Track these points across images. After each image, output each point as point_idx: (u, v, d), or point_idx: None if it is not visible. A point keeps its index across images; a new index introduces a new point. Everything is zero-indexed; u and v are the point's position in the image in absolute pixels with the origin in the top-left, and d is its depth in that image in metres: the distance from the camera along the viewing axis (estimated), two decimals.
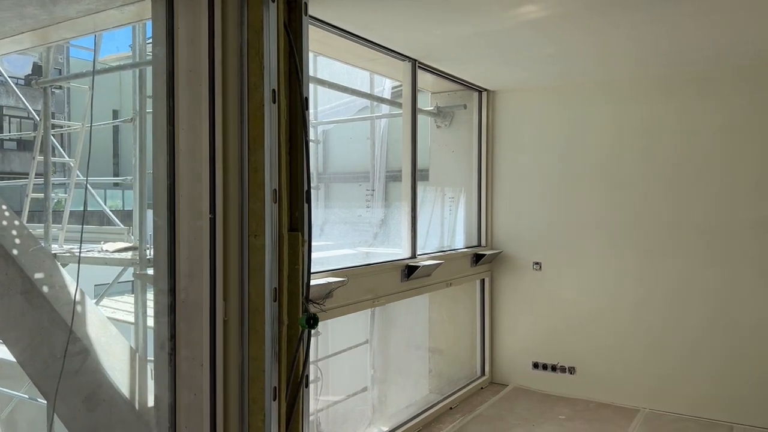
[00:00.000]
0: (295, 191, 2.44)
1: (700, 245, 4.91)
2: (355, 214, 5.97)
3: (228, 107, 2.36)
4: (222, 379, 2.38)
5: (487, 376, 5.88)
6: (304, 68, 2.44)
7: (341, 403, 5.22)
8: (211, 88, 2.32)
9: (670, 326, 5.04)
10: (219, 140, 2.32)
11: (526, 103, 5.71)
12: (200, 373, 2.33)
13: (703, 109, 4.89)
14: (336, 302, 3.55)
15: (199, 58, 2.32)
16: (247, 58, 2.34)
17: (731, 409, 4.79)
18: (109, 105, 17.94)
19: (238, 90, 2.38)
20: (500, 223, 5.89)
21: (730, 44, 4.19)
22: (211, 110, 2.32)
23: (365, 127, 6.35)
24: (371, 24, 3.81)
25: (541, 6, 3.40)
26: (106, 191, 17.01)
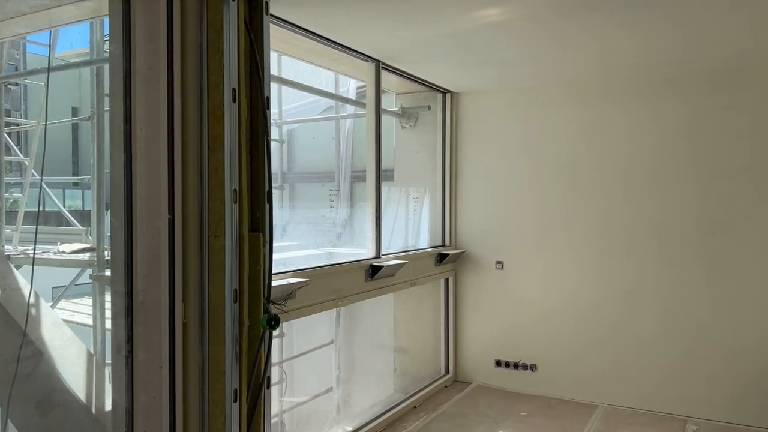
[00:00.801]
0: (257, 191, 2.42)
1: (653, 246, 5.06)
2: (318, 215, 5.95)
3: (187, 106, 2.33)
4: (182, 381, 2.35)
5: (451, 375, 5.94)
6: (266, 67, 2.42)
7: (306, 404, 5.20)
8: (170, 87, 2.28)
9: (626, 324, 5.18)
10: (178, 139, 2.29)
11: (490, 104, 5.79)
12: (159, 375, 2.28)
13: (659, 112, 5.04)
14: (299, 303, 3.54)
15: (157, 56, 2.27)
16: (207, 57, 2.31)
17: (684, 402, 4.96)
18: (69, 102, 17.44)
19: (197, 89, 2.35)
20: (464, 222, 5.95)
21: (687, 49, 4.32)
22: (170, 109, 2.28)
23: (331, 127, 6.34)
24: (334, 24, 3.81)
25: (503, 9, 3.46)
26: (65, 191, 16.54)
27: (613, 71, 4.99)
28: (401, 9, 3.47)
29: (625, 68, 4.87)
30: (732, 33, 3.91)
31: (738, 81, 4.74)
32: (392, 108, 5.99)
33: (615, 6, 3.39)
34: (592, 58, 4.60)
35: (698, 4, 3.35)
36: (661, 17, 3.58)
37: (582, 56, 4.55)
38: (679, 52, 4.37)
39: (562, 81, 5.35)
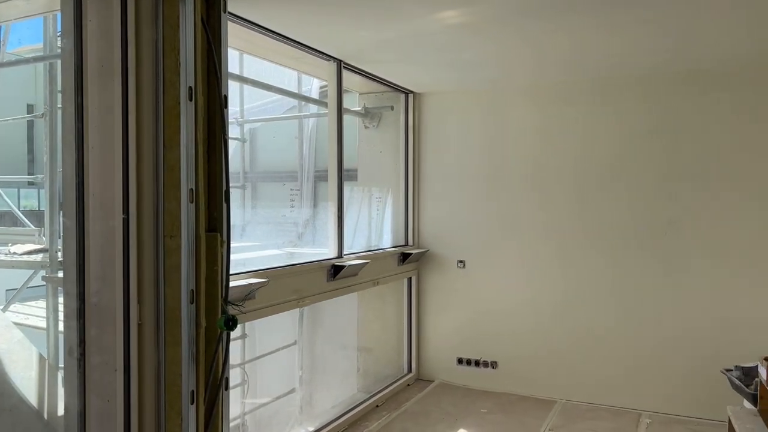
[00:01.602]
0: (214, 191, 2.39)
1: (609, 245, 5.20)
2: (279, 214, 5.91)
3: (142, 104, 2.29)
4: (137, 384, 2.30)
5: (413, 373, 5.98)
6: (223, 66, 2.39)
7: (269, 405, 5.16)
8: (124, 84, 2.24)
9: (584, 321, 5.30)
10: (132, 138, 2.24)
11: (452, 105, 5.85)
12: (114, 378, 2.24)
13: (614, 115, 5.18)
14: (258, 303, 3.51)
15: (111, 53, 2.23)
16: (163, 54, 2.27)
17: (639, 396, 5.10)
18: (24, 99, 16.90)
19: (153, 86, 2.31)
20: (426, 222, 6.00)
21: (642, 53, 4.44)
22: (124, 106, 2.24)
23: (294, 126, 6.30)
24: (294, 23, 3.79)
25: (462, 11, 3.50)
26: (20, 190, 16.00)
27: (570, 74, 5.10)
28: (362, 9, 3.48)
29: (583, 71, 4.99)
30: (688, 38, 4.04)
31: (691, 85, 4.91)
32: (355, 108, 5.99)
33: (574, 9, 3.46)
34: (550, 61, 4.70)
35: (657, 9, 3.45)
36: (621, 21, 3.68)
37: (540, 58, 4.63)
38: (635, 55, 4.50)
39: (523, 82, 5.44)
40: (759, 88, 4.69)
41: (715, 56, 4.51)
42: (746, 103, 4.74)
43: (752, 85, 4.71)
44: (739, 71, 4.74)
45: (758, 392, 3.70)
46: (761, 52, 4.36)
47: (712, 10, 3.47)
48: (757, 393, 3.72)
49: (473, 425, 4.81)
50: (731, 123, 4.79)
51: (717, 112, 4.83)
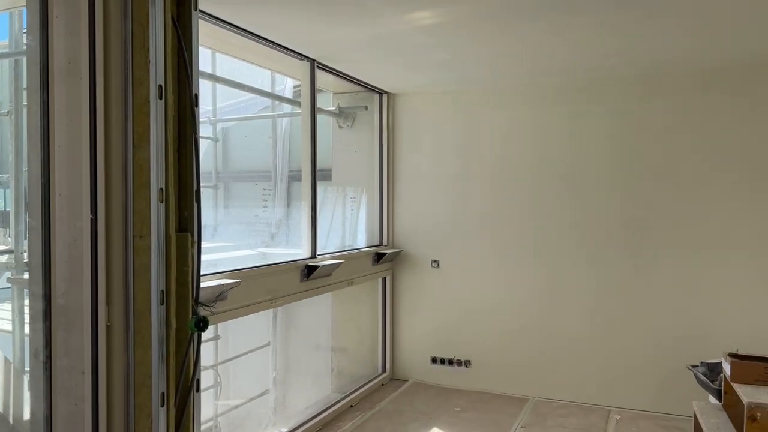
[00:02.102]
0: (184, 190, 2.36)
1: (579, 244, 5.28)
2: (252, 214, 5.86)
3: (110, 102, 2.25)
4: (105, 386, 2.27)
5: (388, 373, 6.00)
6: (194, 64, 2.37)
7: (242, 407, 5.12)
8: (92, 82, 2.20)
9: (555, 319, 5.38)
10: (101, 136, 2.21)
11: (425, 106, 5.88)
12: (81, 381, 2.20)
13: (584, 116, 5.26)
14: (231, 304, 3.49)
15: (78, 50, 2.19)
16: (132, 52, 2.23)
17: (608, 393, 5.20)
18: None
19: (121, 84, 2.27)
20: (401, 222, 6.02)
21: (608, 56, 4.53)
22: (92, 105, 2.20)
23: (267, 126, 6.26)
24: (266, 22, 3.77)
25: (434, 12, 3.52)
26: None
27: (540, 76, 5.17)
28: (335, 9, 3.48)
29: (551, 73, 5.07)
30: (648, 42, 4.13)
31: (653, 88, 5.02)
32: (329, 107, 5.98)
33: (541, 13, 3.52)
34: (520, 63, 4.75)
35: (618, 13, 3.52)
36: (585, 25, 3.75)
37: (511, 61, 4.69)
38: (600, 59, 4.58)
39: (494, 84, 5.50)
40: (723, 90, 4.82)
41: (676, 61, 4.62)
42: (710, 104, 4.86)
43: (716, 88, 4.84)
44: (701, 74, 4.86)
45: (722, 387, 3.80)
46: (723, 56, 4.48)
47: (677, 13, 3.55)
48: (721, 388, 3.83)
49: (446, 423, 4.85)
50: (696, 124, 4.91)
51: (683, 114, 4.94)
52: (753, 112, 4.74)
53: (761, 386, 3.35)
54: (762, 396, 3.20)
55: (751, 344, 4.58)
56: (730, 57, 4.52)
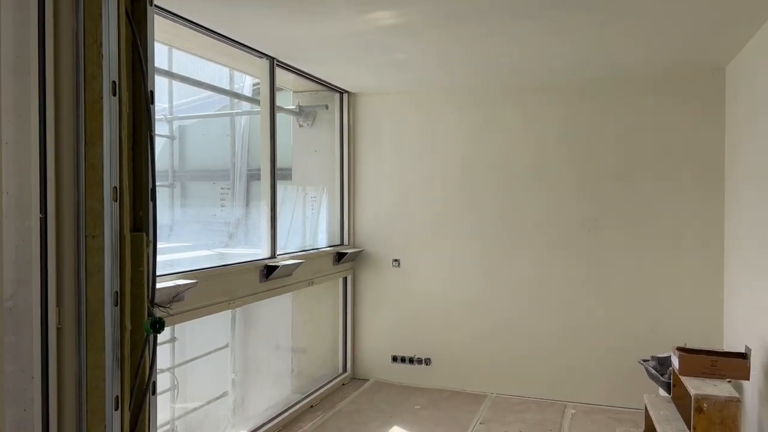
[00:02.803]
0: (139, 189, 2.31)
1: (538, 243, 5.39)
2: (209, 214, 5.77)
3: (61, 98, 2.19)
4: (56, 391, 2.20)
5: (348, 372, 5.99)
6: (149, 60, 2.32)
7: (200, 410, 5.03)
8: (42, 78, 2.13)
9: (512, 317, 5.48)
10: (51, 133, 2.14)
11: (387, 106, 5.90)
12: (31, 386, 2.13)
13: (544, 117, 5.37)
14: (187, 305, 3.43)
15: (27, 44, 2.12)
16: (84, 47, 2.18)
17: (564, 388, 5.32)
18: None
19: (73, 80, 2.21)
20: (362, 221, 6.03)
21: (566, 60, 4.63)
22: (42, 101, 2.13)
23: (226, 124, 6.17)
24: (225, 19, 3.72)
25: (393, 13, 3.54)
26: None
27: (496, 78, 5.25)
28: (293, 7, 3.46)
29: (507, 75, 5.15)
30: (602, 46, 4.25)
31: (609, 91, 5.16)
32: (289, 106, 5.94)
33: (494, 17, 3.57)
34: (475, 65, 4.82)
35: (573, 18, 3.61)
36: (536, 29, 3.82)
37: (467, 62, 4.74)
38: (553, 62, 4.68)
39: (453, 85, 5.55)
40: (674, 94, 4.99)
41: (630, 65, 4.76)
42: (662, 108, 5.03)
43: (668, 92, 5.01)
44: (653, 79, 5.03)
45: (672, 381, 3.94)
46: (675, 61, 4.64)
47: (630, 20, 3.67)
48: (670, 381, 3.97)
49: (407, 421, 4.88)
50: (649, 127, 5.07)
51: (636, 115, 5.10)
52: (702, 116, 4.92)
53: (708, 378, 3.48)
54: (708, 388, 3.33)
55: (699, 338, 4.76)
56: (682, 62, 4.68)
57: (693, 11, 3.50)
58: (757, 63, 3.92)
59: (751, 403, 3.87)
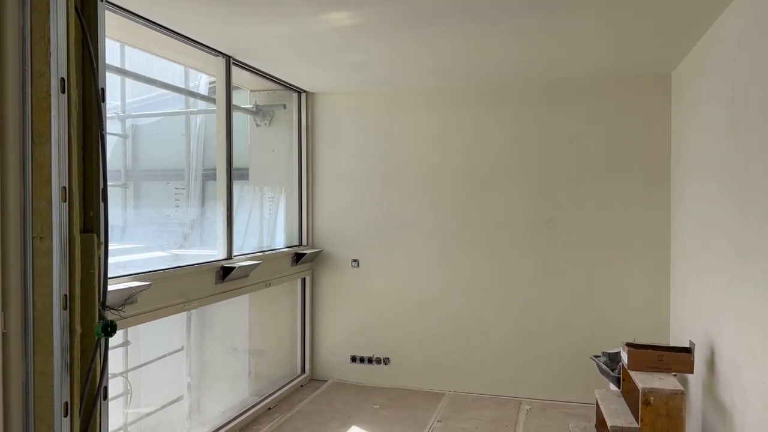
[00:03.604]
0: (90, 189, 2.26)
1: (493, 242, 5.49)
2: (164, 214, 5.66)
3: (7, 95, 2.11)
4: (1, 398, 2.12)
5: (307, 374, 5.97)
6: (100, 57, 2.27)
7: (154, 414, 4.93)
8: None
9: (470, 315, 5.56)
10: None
11: (345, 106, 5.90)
12: None
13: (497, 118, 5.47)
14: (141, 308, 3.35)
15: None
16: (31, 43, 2.11)
17: (520, 385, 5.43)
18: None
19: (19, 77, 2.14)
20: (321, 222, 6.01)
21: (518, 63, 4.73)
22: None
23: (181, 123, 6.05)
24: (180, 16, 3.66)
25: (349, 14, 3.55)
26: None
27: (452, 80, 5.33)
28: (250, 5, 3.42)
29: (467, 77, 5.23)
30: (553, 51, 4.36)
31: (561, 94, 5.29)
32: (246, 105, 5.87)
33: (450, 19, 3.62)
34: (433, 66, 4.87)
35: (525, 23, 3.69)
36: (493, 32, 3.90)
37: (424, 64, 4.79)
38: (508, 65, 4.77)
39: (411, 86, 5.60)
40: (623, 98, 5.15)
41: (578, 69, 4.90)
42: (610, 110, 5.18)
43: (617, 96, 5.17)
44: (604, 83, 5.18)
45: (621, 375, 4.07)
46: (624, 66, 4.79)
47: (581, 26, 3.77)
48: (620, 376, 4.10)
49: (365, 421, 4.89)
50: (599, 130, 5.22)
51: (588, 119, 5.24)
52: (650, 120, 5.10)
53: (655, 372, 3.61)
54: (655, 382, 3.46)
55: (648, 334, 4.93)
56: (630, 68, 4.84)
57: (640, 19, 3.63)
58: (699, 69, 4.09)
59: (695, 395, 4.03)
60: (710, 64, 3.81)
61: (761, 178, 2.79)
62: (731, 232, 3.27)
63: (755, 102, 2.91)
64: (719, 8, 3.42)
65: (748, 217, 2.99)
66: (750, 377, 2.92)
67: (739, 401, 3.10)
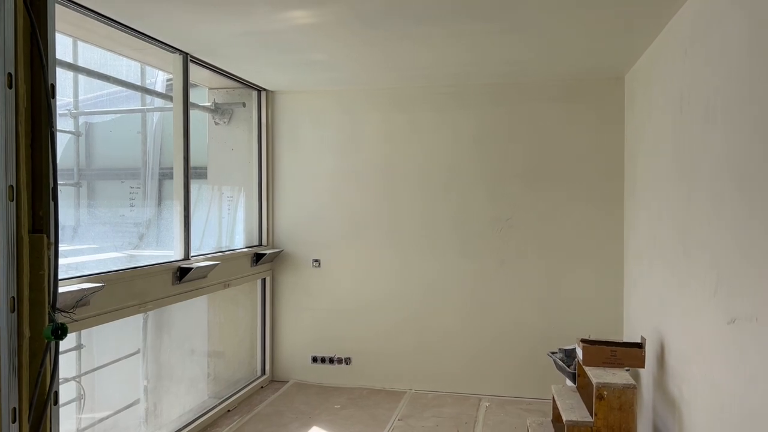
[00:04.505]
0: (39, 188, 2.19)
1: (452, 241, 5.55)
2: (118, 214, 5.52)
3: None
4: None
5: (267, 375, 5.91)
6: (50, 52, 2.20)
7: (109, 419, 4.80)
8: None
9: (430, 314, 5.61)
10: None
11: (305, 105, 5.87)
12: None
13: (455, 119, 5.54)
14: (94, 310, 3.27)
15: None
16: None
17: (479, 382, 5.51)
18: None
19: None
20: (281, 222, 5.96)
21: (474, 64, 4.79)
22: None
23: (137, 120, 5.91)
24: (135, 12, 3.58)
25: (309, 13, 3.54)
26: None
27: (415, 79, 5.36)
28: (207, 2, 3.38)
29: (425, 77, 5.27)
30: (505, 54, 4.44)
31: (518, 96, 5.39)
32: (204, 103, 5.78)
33: (404, 20, 3.66)
34: (395, 66, 4.90)
35: (473, 26, 3.75)
36: (444, 35, 3.96)
37: (385, 63, 4.81)
38: (466, 66, 4.84)
39: (372, 85, 5.61)
40: (576, 101, 5.28)
41: (529, 71, 5.00)
42: (566, 112, 5.31)
43: (570, 97, 5.29)
44: (557, 84, 5.30)
45: (576, 371, 4.17)
46: (575, 68, 4.91)
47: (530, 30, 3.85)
48: (575, 372, 4.20)
49: (326, 422, 4.88)
50: (553, 131, 5.34)
51: (544, 120, 5.35)
52: (604, 123, 5.24)
53: (609, 368, 3.72)
54: (608, 376, 3.55)
55: (603, 330, 5.07)
56: (584, 71, 4.97)
57: (591, 24, 3.73)
58: (650, 73, 4.22)
59: (646, 388, 4.16)
60: (660, 69, 3.94)
61: (707, 178, 2.91)
62: (679, 231, 3.39)
63: (701, 106, 3.02)
64: (668, 15, 3.54)
65: (694, 216, 3.10)
66: (697, 371, 3.04)
67: (687, 394, 3.22)
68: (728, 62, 2.64)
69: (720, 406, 2.69)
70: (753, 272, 2.31)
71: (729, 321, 2.55)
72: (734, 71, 2.57)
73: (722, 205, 2.68)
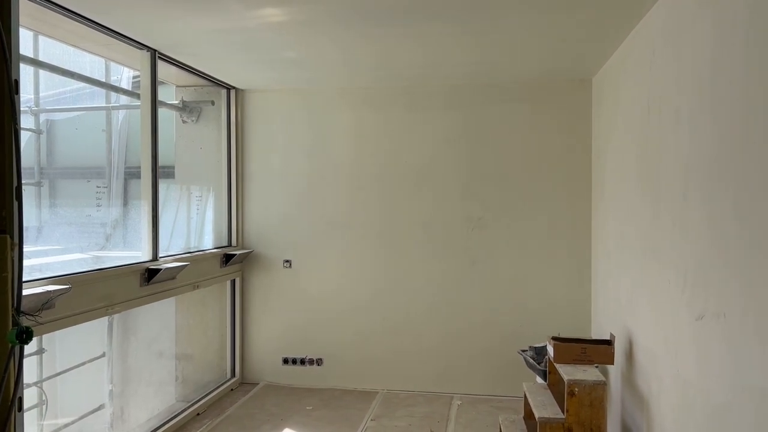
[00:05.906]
0: (2, 187, 2.12)
1: (425, 240, 5.57)
2: (84, 214, 5.38)
3: None
4: None
5: (237, 377, 5.83)
6: (14, 47, 2.13)
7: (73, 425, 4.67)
8: None
9: (402, 314, 5.61)
10: None
11: (275, 103, 5.81)
12: None
13: (427, 120, 5.55)
14: (59, 313, 3.17)
15: None
16: None
17: (451, 381, 5.53)
18: None
19: None
20: (251, 222, 5.89)
21: (449, 65, 4.81)
22: None
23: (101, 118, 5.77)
24: (101, 7, 3.48)
25: (281, 11, 3.50)
26: None
27: (384, 79, 5.36)
28: None
29: (394, 77, 5.27)
30: (468, 55, 4.48)
31: (488, 96, 5.43)
32: (172, 101, 5.67)
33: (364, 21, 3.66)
34: (365, 66, 4.89)
35: (431, 27, 3.77)
36: (403, 36, 3.97)
37: (356, 63, 4.80)
38: (443, 66, 4.85)
39: (344, 84, 5.59)
40: (543, 102, 5.35)
41: (498, 73, 5.06)
42: (536, 112, 5.37)
43: (540, 98, 5.36)
44: (527, 85, 5.36)
45: (547, 368, 4.22)
46: (544, 70, 4.98)
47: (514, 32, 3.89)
48: (546, 369, 4.25)
49: (298, 423, 4.84)
50: (522, 132, 5.40)
51: (514, 121, 5.41)
52: (572, 123, 5.32)
53: (579, 365, 3.77)
54: (579, 373, 3.61)
55: (572, 328, 5.14)
56: (552, 73, 5.03)
57: (557, 26, 3.78)
58: (618, 75, 4.30)
59: (615, 384, 4.24)
60: (627, 72, 4.02)
61: (672, 179, 2.97)
62: (645, 230, 3.46)
63: (667, 109, 3.09)
64: (635, 19, 3.61)
65: (660, 215, 3.17)
66: (664, 367, 3.10)
67: (655, 389, 3.29)
68: (694, 65, 2.71)
69: (688, 401, 2.75)
70: (721, 269, 2.37)
71: (697, 317, 2.61)
72: (700, 74, 2.63)
73: (689, 204, 2.74)
